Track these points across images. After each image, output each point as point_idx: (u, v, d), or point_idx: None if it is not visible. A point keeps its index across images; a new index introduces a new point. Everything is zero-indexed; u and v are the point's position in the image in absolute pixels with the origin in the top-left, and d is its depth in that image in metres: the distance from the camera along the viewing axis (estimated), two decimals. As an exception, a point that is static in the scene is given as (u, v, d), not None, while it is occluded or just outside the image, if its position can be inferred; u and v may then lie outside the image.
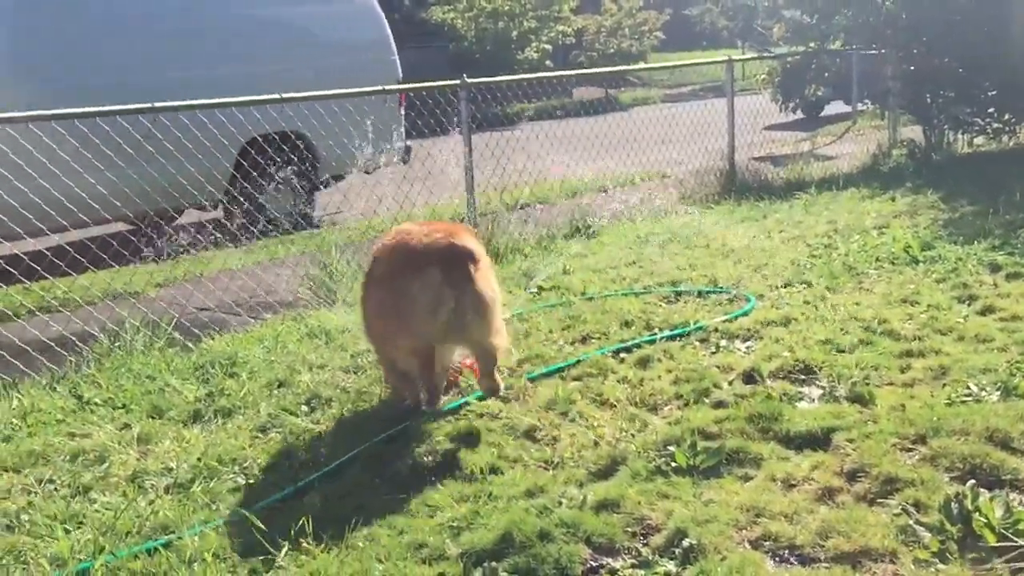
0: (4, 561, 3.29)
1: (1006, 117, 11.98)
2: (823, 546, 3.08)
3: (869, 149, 12.42)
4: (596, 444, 4.00)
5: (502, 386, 4.56)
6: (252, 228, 8.31)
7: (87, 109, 6.50)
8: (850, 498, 3.38)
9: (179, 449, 4.24)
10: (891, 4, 12.01)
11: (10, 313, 6.32)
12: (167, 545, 3.26)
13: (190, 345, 5.93)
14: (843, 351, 4.89)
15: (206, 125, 7.66)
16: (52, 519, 3.47)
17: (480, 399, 4.55)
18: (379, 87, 8.94)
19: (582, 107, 16.68)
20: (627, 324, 5.69)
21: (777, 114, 15.47)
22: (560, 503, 3.45)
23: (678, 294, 6.32)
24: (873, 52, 13.43)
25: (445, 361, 4.62)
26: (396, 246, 4.35)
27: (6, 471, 4.14)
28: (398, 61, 11.81)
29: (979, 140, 12.48)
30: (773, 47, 15.29)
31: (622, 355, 5.16)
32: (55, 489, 3.91)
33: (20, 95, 7.87)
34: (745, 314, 5.69)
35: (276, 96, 7.50)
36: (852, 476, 3.52)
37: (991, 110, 11.99)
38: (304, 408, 4.67)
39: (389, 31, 11.82)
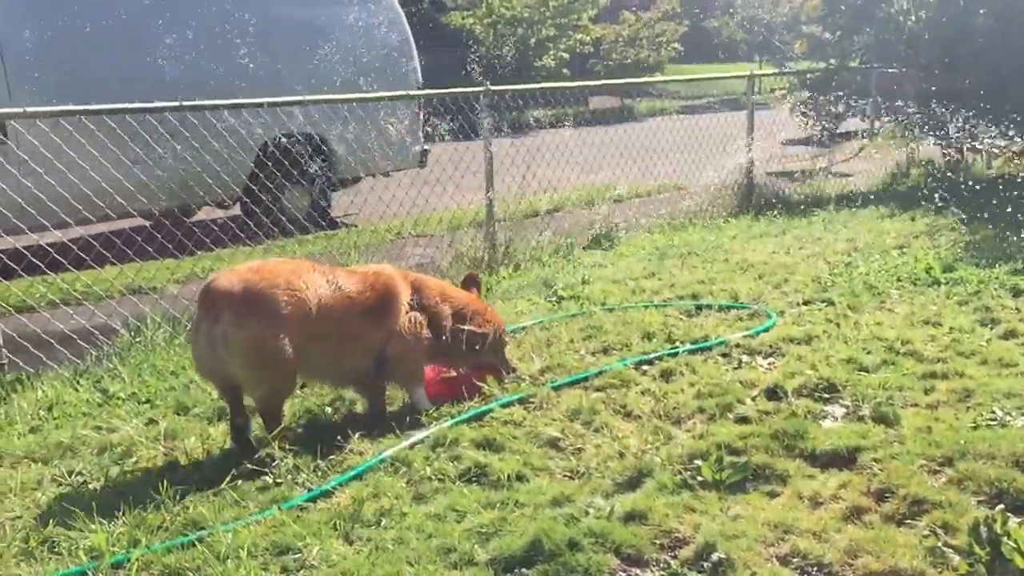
0: (39, 552, 3.32)
1: (1027, 140, 11.96)
2: (852, 565, 3.10)
3: (887, 168, 12.41)
4: (621, 455, 4.01)
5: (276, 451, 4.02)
6: (271, 227, 8.35)
7: (116, 106, 6.57)
8: (878, 518, 3.39)
9: (206, 446, 4.27)
10: (914, 23, 12.01)
11: (34, 305, 6.37)
12: (201, 540, 3.29)
13: (212, 343, 5.94)
14: (866, 371, 4.90)
15: (230, 124, 7.69)
16: (86, 511, 3.49)
17: (503, 406, 4.57)
18: (401, 92, 8.98)
19: (599, 116, 16.70)
20: (648, 336, 5.71)
21: (793, 129, 15.44)
22: (587, 513, 3.47)
23: (699, 308, 6.33)
24: (893, 70, 13.41)
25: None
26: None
27: (35, 462, 4.19)
28: (419, 66, 11.85)
29: (998, 162, 12.46)
30: (792, 62, 15.24)
31: (644, 367, 5.18)
32: (85, 482, 3.94)
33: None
34: (767, 330, 5.70)
35: (298, 98, 7.57)
36: (879, 496, 3.54)
37: (1011, 133, 11.97)
38: (328, 410, 4.70)
39: (411, 36, 11.86)
